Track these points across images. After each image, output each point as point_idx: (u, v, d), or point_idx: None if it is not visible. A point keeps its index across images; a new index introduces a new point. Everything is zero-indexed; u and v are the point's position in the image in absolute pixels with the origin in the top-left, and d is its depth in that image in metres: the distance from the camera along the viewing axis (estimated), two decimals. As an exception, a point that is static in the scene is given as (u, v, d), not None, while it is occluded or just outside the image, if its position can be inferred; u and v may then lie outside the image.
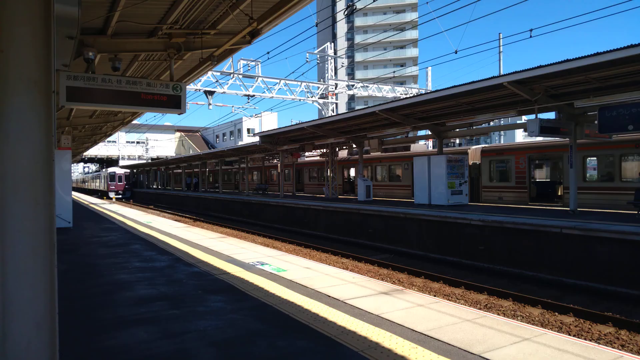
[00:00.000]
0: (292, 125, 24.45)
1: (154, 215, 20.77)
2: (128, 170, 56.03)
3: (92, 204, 30.96)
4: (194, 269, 7.63)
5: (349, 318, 4.91)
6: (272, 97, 27.67)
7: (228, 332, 4.52)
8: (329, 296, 5.79)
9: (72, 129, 17.97)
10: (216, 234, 13.04)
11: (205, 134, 69.75)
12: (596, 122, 12.20)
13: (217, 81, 25.37)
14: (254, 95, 27.07)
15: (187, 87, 19.50)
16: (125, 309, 5.37)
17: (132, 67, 10.56)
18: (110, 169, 54.87)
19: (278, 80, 27.86)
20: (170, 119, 66.20)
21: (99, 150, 58.56)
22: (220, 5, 7.50)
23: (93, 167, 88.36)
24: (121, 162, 59.85)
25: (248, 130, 55.70)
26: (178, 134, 67.42)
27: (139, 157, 61.50)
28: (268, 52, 29.28)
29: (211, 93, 25.29)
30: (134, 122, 22.75)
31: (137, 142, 62.80)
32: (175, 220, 19.20)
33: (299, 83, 29.35)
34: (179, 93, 8.41)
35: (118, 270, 7.66)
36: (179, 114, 8.98)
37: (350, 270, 10.83)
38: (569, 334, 6.97)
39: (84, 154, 52.18)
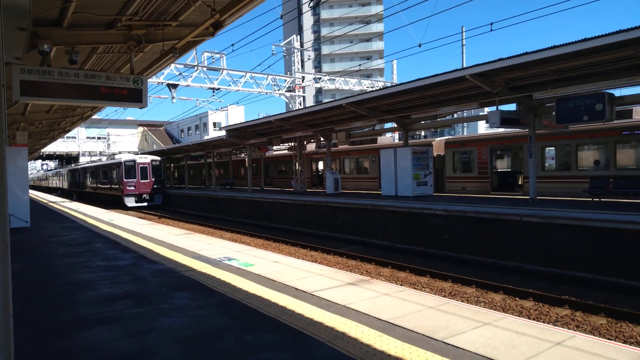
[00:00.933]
0: (259, 119, 24.27)
1: (116, 213, 20.23)
2: (158, 159, 33.63)
3: (52, 202, 29.85)
4: (159, 267, 7.49)
5: (316, 310, 4.95)
6: (238, 90, 27.31)
7: (194, 328, 4.48)
8: (297, 289, 5.82)
9: (28, 124, 17.23)
10: (182, 231, 12.84)
11: (169, 128, 68.22)
12: (554, 113, 12.70)
13: (180, 74, 24.81)
14: (219, 89, 26.63)
15: (149, 80, 19.02)
16: (87, 308, 5.23)
17: (90, 60, 10.22)
18: (127, 157, 33.27)
19: (244, 73, 27.50)
20: (132, 113, 63.97)
21: (58, 146, 56.33)
22: (181, -4, 7.35)
23: (52, 163, 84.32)
24: (82, 159, 57.40)
25: (214, 124, 54.78)
26: (141, 129, 65.68)
27: (100, 153, 58.85)
28: (233, 45, 28.96)
29: (174, 86, 24.71)
30: (94, 117, 22.01)
31: (98, 138, 60.76)
32: (140, 218, 18.80)
33: (266, 76, 29.06)
34: (139, 86, 8.21)
35: (79, 269, 7.43)
36: (140, 108, 8.77)
37: (319, 263, 10.90)
38: (529, 318, 7.26)
39: (42, 150, 49.66)
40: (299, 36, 42.12)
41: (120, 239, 11.11)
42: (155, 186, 32.20)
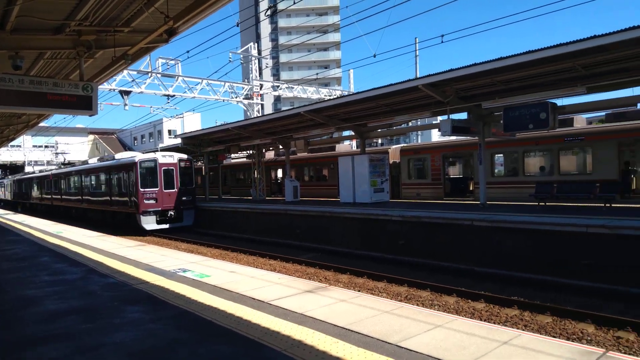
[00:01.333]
0: (216, 126, 23.98)
1: (65, 225, 19.31)
2: (187, 158, 23.23)
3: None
4: (110, 280, 7.23)
5: (273, 319, 4.94)
6: (194, 97, 26.89)
7: (147, 342, 4.36)
8: (254, 299, 5.78)
9: (-33, 132, 16.27)
10: (135, 242, 12.43)
11: (122, 136, 66.04)
12: (502, 121, 13.31)
13: (133, 80, 24.14)
14: (174, 95, 26.11)
15: (100, 86, 18.36)
16: (33, 326, 4.98)
17: (37, 66, 9.84)
18: (143, 156, 22.54)
19: (200, 80, 27.12)
20: (82, 120, 61.22)
21: (1, 155, 53.24)
22: (134, 2, 7.22)
23: None
24: (27, 169, 54.25)
25: (169, 131, 53.51)
26: (92, 137, 63.18)
27: (48, 163, 55.89)
28: (188, 51, 28.44)
29: (127, 93, 24.01)
30: (42, 124, 21.03)
31: (46, 147, 57.88)
32: (89, 230, 17.92)
33: (223, 83, 28.77)
34: (89, 93, 8.01)
35: (24, 285, 7.06)
36: (90, 116, 8.54)
37: (277, 272, 10.85)
38: (480, 319, 7.53)
39: (-17, 160, 46.79)
40: (256, 44, 42.01)
41: (68, 252, 10.63)
42: (184, 198, 21.97)
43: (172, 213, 21.53)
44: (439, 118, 21.95)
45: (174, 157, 22.28)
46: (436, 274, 10.97)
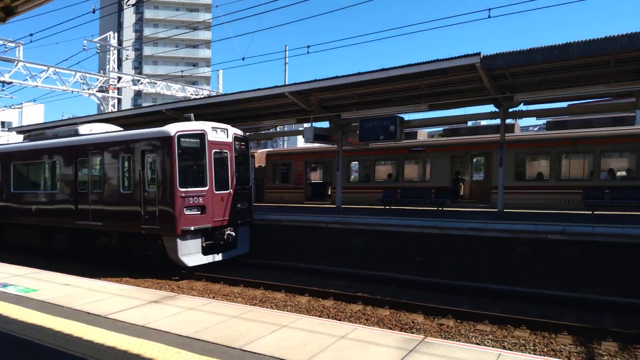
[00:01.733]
0: (62, 120, 21.51)
1: None
2: (241, 134, 13.15)
3: None
4: None
5: (109, 333, 4.61)
6: (37, 86, 23.74)
7: (-55, 372, 3.73)
8: (89, 313, 5.32)
9: None
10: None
11: (-61, 126, 55.13)
12: (357, 132, 14.38)
13: (-44, 62, 20.41)
14: (11, 83, 22.77)
15: None
16: None
17: None
18: (182, 127, 11.31)
19: (46, 68, 24.02)
20: None
21: None
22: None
23: None
24: None
25: (3, 123, 46.34)
26: None
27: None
28: (31, 34, 24.88)
29: (-53, 76, 20.18)
30: None
31: None
32: None
33: (73, 72, 25.88)
34: None
35: None
36: None
37: (124, 283, 10.12)
38: (329, 316, 7.98)
39: None
40: (117, 33, 38.74)
41: None
42: (239, 206, 12.67)
43: (231, 233, 12.02)
44: (304, 125, 22.77)
45: (228, 133, 12.58)
46: (292, 275, 11.25)
